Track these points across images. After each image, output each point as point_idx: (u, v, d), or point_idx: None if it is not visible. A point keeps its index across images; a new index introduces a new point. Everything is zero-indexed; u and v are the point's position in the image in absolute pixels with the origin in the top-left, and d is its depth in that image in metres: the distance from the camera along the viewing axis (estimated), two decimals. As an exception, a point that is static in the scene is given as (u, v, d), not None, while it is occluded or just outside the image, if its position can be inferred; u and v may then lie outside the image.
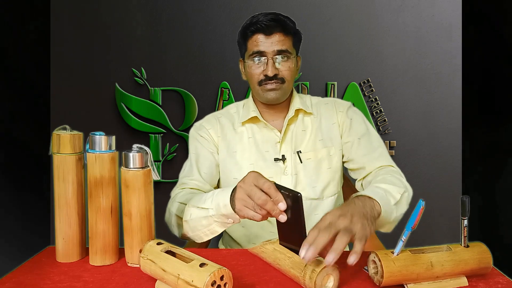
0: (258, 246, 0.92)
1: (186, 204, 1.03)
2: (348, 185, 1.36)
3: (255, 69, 1.16)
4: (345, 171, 1.29)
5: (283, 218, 0.77)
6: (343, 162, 1.24)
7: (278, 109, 1.23)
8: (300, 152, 1.19)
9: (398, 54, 2.21)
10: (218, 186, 1.27)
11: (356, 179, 1.23)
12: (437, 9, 2.19)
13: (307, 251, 0.71)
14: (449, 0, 2.19)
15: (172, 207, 1.09)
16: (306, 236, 0.74)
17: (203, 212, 0.96)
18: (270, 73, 1.13)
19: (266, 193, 0.79)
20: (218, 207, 0.92)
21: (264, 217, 0.81)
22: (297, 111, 1.23)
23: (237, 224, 1.09)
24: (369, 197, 0.88)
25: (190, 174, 1.19)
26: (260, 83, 1.16)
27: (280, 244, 0.83)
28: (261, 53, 1.14)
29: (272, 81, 1.15)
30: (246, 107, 1.27)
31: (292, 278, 0.80)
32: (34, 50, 2.22)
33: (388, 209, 0.91)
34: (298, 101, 1.23)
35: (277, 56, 1.14)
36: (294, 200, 0.75)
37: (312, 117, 1.24)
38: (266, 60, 1.14)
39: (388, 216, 0.92)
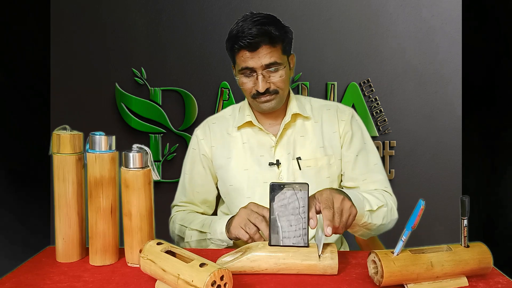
0: (234, 264, 0.82)
1: (186, 227, 1.18)
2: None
3: (247, 83, 1.13)
4: None
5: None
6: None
7: (275, 113, 1.20)
8: (300, 159, 1.17)
9: (398, 54, 2.21)
10: (218, 192, 1.29)
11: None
12: (437, 9, 2.19)
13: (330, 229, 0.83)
14: (449, 0, 2.19)
15: (175, 228, 1.22)
16: (306, 228, 0.82)
17: (202, 235, 1.13)
18: (260, 89, 1.10)
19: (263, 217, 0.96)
20: (215, 233, 1.08)
21: (250, 239, 0.97)
22: (295, 115, 1.20)
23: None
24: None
25: (184, 196, 1.27)
26: (254, 96, 1.13)
27: (270, 245, 0.83)
28: (250, 69, 1.10)
29: (265, 95, 1.12)
30: (241, 111, 1.24)
31: (301, 271, 0.81)
32: (34, 50, 2.22)
33: (360, 211, 0.99)
34: (295, 104, 1.20)
35: (266, 70, 1.10)
36: (302, 189, 0.83)
37: (313, 122, 1.21)
38: (256, 75, 1.10)
39: (358, 218, 1.00)
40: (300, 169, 1.16)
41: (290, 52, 1.17)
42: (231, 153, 1.20)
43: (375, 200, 1.08)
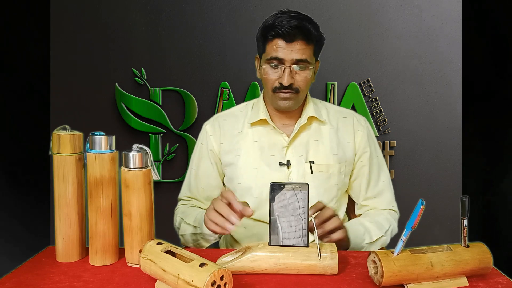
0: (234, 264, 0.82)
1: (183, 219, 1.17)
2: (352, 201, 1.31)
3: (271, 74, 1.11)
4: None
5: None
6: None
7: (289, 114, 1.19)
8: (313, 163, 1.16)
9: (398, 54, 2.21)
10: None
11: (355, 204, 1.28)
12: (437, 9, 2.19)
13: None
14: (449, 0, 2.19)
15: (176, 221, 1.22)
16: (306, 229, 0.82)
17: (193, 228, 1.12)
18: (285, 82, 1.08)
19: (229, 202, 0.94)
20: (201, 226, 1.07)
21: (225, 230, 0.94)
22: (311, 118, 1.18)
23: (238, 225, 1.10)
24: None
25: (189, 191, 1.27)
26: (274, 90, 1.12)
27: (270, 245, 0.83)
28: (279, 60, 1.09)
29: (287, 90, 1.10)
30: (255, 108, 1.22)
31: (301, 271, 0.81)
32: (34, 50, 2.22)
33: (358, 245, 1.09)
34: (312, 107, 1.19)
35: (294, 65, 1.09)
36: (302, 190, 0.83)
37: (329, 127, 1.20)
38: (283, 68, 1.09)
39: (357, 247, 1.09)
40: (312, 172, 1.15)
41: (318, 56, 1.18)
42: (241, 151, 1.19)
43: (376, 231, 1.13)
